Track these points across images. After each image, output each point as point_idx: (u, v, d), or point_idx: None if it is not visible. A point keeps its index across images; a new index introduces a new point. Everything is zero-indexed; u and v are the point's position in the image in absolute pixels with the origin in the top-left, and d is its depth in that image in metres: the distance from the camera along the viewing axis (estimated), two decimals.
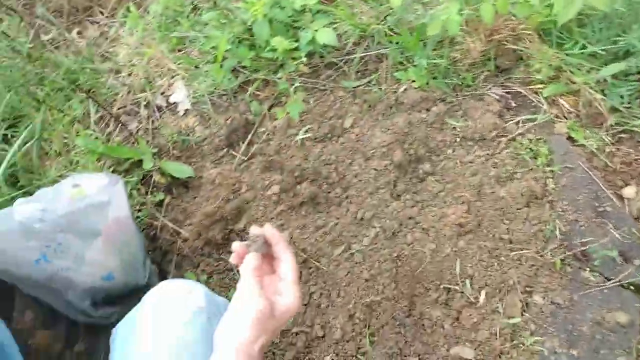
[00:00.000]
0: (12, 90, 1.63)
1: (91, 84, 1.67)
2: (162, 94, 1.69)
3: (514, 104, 1.50)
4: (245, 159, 1.57)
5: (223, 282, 1.46)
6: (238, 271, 0.84)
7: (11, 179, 1.57)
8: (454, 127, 1.51)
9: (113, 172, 1.55)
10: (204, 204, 1.54)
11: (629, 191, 1.38)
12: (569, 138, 1.45)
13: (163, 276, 1.50)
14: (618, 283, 1.27)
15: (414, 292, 1.38)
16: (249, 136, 1.61)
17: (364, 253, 1.41)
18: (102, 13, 1.96)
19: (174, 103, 1.68)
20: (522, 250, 1.36)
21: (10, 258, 1.12)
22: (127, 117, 1.66)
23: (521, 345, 1.26)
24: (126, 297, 1.41)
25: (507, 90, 1.52)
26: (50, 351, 1.18)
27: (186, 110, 1.67)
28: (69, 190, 1.26)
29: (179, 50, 1.71)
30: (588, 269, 1.32)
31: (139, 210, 1.53)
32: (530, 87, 1.50)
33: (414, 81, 1.55)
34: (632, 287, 1.27)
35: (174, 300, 0.93)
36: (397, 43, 1.56)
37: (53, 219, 1.15)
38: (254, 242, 0.85)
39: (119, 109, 1.67)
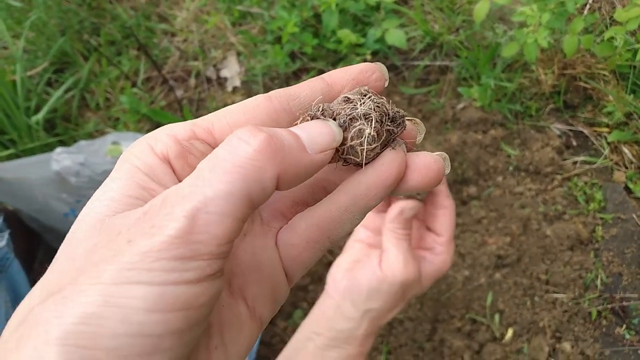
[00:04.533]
0: (66, 34, 1.58)
1: (144, 43, 1.62)
2: (214, 66, 1.64)
3: (574, 143, 1.44)
4: None
5: None
6: None
7: (48, 124, 1.53)
8: (508, 155, 1.45)
9: None
10: None
11: None
12: (626, 188, 1.39)
13: None
14: None
15: (438, 317, 1.32)
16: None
17: None
18: None
19: (224, 78, 1.64)
20: (557, 293, 1.30)
21: (41, 206, 1.08)
22: (174, 83, 1.62)
23: None
24: None
25: (570, 128, 1.45)
26: None
27: (235, 87, 1.62)
28: (107, 146, 1.22)
29: (239, 25, 1.66)
30: (625, 325, 1.26)
31: None
32: (595, 128, 1.44)
33: (475, 100, 1.49)
34: None
35: None
36: (465, 58, 1.51)
37: (90, 175, 1.11)
38: None
39: (168, 73, 1.62)
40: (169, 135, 0.28)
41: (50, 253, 1.10)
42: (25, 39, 1.58)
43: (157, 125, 1.51)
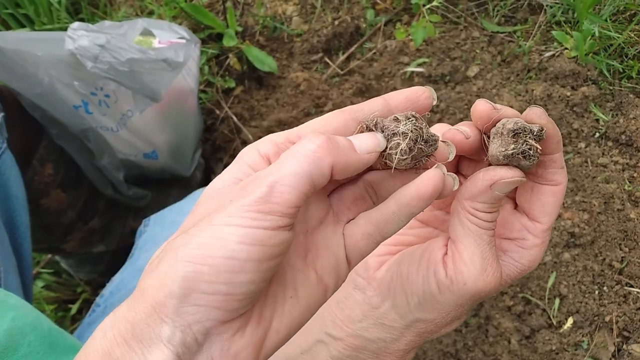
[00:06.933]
0: None
1: None
2: None
3: None
4: (341, 72, 1.31)
5: None
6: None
7: (73, 7, 1.33)
8: (597, 119, 1.23)
9: None
10: (278, 109, 1.29)
11: None
12: None
13: (207, 175, 1.28)
14: None
15: None
16: (352, 48, 1.34)
17: None
18: None
19: None
20: (632, 287, 1.11)
21: (47, 92, 0.89)
22: None
23: None
24: (163, 184, 1.19)
25: None
26: (61, 218, 0.96)
27: None
28: (136, 32, 1.01)
29: None
30: None
31: (204, 92, 1.29)
32: None
33: (567, 49, 1.26)
34: None
35: None
36: None
37: (110, 62, 0.90)
38: (526, 145, 0.39)
39: None
40: (270, 141, 0.38)
41: (51, 152, 0.91)
42: None
43: (196, 23, 1.30)
